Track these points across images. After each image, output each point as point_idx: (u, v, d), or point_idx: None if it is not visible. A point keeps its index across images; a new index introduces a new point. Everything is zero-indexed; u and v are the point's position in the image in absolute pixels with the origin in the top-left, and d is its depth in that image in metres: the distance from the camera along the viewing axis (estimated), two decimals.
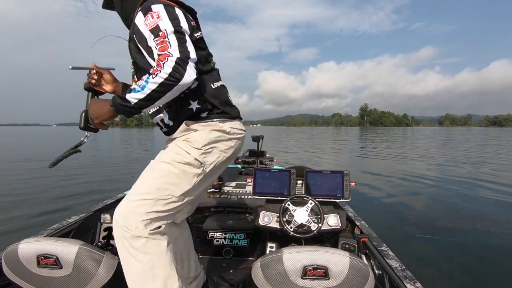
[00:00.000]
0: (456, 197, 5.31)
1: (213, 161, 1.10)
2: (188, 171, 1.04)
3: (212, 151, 1.10)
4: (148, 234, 0.93)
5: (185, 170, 1.03)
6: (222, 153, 1.13)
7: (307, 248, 0.94)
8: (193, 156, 1.04)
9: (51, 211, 4.57)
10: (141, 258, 0.92)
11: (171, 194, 1.00)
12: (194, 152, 1.05)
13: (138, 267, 0.93)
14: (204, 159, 1.07)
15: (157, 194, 0.97)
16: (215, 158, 1.11)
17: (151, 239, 0.94)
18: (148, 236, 0.93)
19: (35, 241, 1.05)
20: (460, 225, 3.85)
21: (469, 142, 21.61)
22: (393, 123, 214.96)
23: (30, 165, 9.47)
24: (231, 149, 1.16)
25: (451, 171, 8.10)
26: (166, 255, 0.96)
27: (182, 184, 1.03)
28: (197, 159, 1.05)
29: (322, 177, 1.85)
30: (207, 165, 1.08)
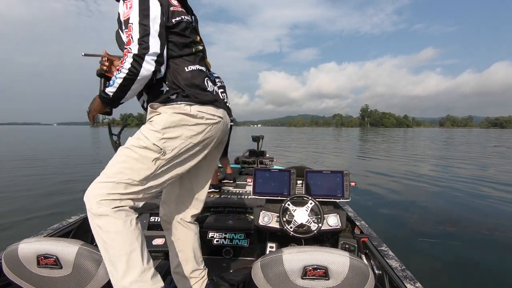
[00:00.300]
0: (456, 198, 5.31)
1: (176, 147, 1.06)
2: (147, 155, 1.02)
3: (174, 135, 1.06)
4: (109, 212, 0.94)
5: (143, 155, 1.02)
6: (188, 139, 1.08)
7: (307, 248, 0.94)
8: (151, 141, 1.03)
9: (51, 211, 4.57)
10: (105, 237, 0.93)
11: (131, 178, 0.99)
12: (153, 136, 1.04)
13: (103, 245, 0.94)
14: (164, 144, 1.04)
15: (117, 177, 0.98)
16: (178, 144, 1.06)
17: (112, 218, 0.93)
18: (108, 214, 0.93)
19: (35, 241, 1.05)
20: (460, 225, 3.85)
21: (470, 144, 21.57)
22: (394, 124, 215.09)
23: (30, 164, 9.47)
24: (198, 135, 1.10)
25: (452, 172, 8.10)
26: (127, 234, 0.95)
27: (141, 169, 1.01)
28: (155, 144, 1.03)
29: (322, 177, 1.85)
30: (168, 151, 1.05)
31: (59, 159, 11.50)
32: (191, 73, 1.14)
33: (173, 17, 1.11)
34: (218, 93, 1.25)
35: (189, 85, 1.11)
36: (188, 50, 1.17)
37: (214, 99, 1.17)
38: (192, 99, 1.10)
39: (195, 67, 1.16)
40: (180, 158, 1.09)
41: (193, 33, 1.20)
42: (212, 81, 1.25)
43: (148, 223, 2.13)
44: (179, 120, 1.07)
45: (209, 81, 1.21)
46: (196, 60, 1.19)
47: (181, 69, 1.12)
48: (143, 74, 0.99)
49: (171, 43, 1.12)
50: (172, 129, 1.06)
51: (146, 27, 1.00)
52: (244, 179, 3.34)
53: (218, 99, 1.20)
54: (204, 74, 1.19)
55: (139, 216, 2.23)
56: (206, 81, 1.19)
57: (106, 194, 0.96)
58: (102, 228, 0.93)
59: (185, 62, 1.14)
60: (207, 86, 1.17)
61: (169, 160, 1.06)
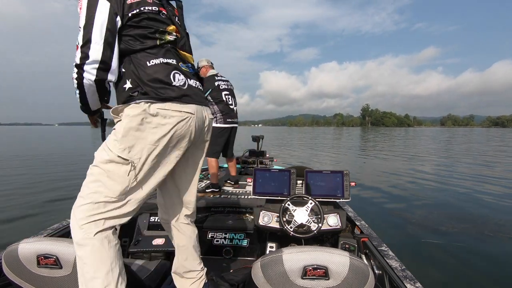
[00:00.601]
0: (456, 198, 5.31)
1: (142, 154, 0.98)
2: (115, 170, 0.96)
3: (137, 143, 0.98)
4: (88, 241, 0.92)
5: (111, 170, 0.96)
6: (153, 143, 0.99)
7: (307, 248, 0.94)
8: (115, 153, 0.96)
9: (51, 210, 4.57)
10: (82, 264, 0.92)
11: (107, 195, 0.96)
12: (116, 147, 0.97)
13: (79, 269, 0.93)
14: (129, 155, 0.97)
15: (92, 198, 0.95)
16: (144, 151, 0.98)
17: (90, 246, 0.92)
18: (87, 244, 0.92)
19: (35, 241, 1.05)
20: (461, 225, 3.85)
21: (472, 143, 21.53)
22: (395, 123, 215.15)
23: (31, 164, 9.48)
24: (164, 137, 1.01)
25: (453, 171, 8.09)
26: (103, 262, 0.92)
27: (114, 185, 0.96)
28: (120, 156, 0.96)
29: (322, 177, 1.85)
30: (136, 160, 0.98)
31: (60, 159, 11.51)
32: (153, 68, 1.05)
33: (130, 10, 1.03)
34: (192, 87, 1.14)
35: (151, 81, 1.03)
36: (151, 42, 1.08)
37: (181, 94, 1.07)
38: (152, 96, 1.01)
39: (158, 61, 1.07)
40: (152, 164, 1.01)
41: (159, 22, 1.11)
42: (185, 74, 1.14)
43: (148, 223, 2.13)
44: (138, 124, 0.98)
45: (178, 74, 1.10)
46: (161, 52, 1.10)
47: (143, 64, 1.05)
48: (86, 83, 0.97)
49: (129, 36, 1.05)
50: (133, 136, 0.98)
51: (88, 33, 0.95)
52: (244, 179, 3.33)
53: (189, 94, 1.10)
54: (170, 67, 1.09)
55: (138, 216, 2.23)
56: (172, 75, 1.08)
57: (86, 217, 0.94)
58: (82, 259, 0.93)
59: (147, 56, 1.06)
60: (172, 81, 1.07)
61: (140, 169, 0.99)
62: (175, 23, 1.18)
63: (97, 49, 0.95)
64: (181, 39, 1.19)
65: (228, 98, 3.04)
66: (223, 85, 3.03)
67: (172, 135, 1.03)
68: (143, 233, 2.05)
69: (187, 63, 1.20)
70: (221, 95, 2.99)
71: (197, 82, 1.21)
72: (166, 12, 1.15)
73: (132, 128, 0.98)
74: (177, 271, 1.34)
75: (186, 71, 1.16)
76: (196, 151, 1.25)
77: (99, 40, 0.96)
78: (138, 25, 1.05)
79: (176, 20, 1.22)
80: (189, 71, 1.18)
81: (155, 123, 1.00)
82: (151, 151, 0.99)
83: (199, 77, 1.26)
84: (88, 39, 0.95)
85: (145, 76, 1.03)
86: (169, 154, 1.07)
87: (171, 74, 1.08)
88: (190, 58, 1.24)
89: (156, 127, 1.00)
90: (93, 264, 0.91)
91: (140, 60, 1.05)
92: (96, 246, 0.92)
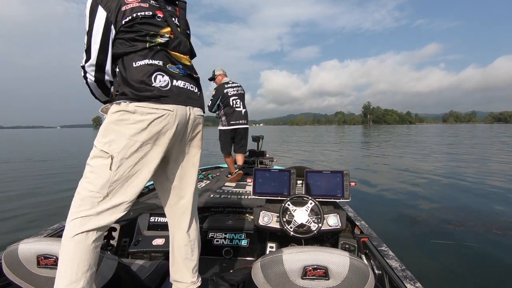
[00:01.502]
0: (457, 197, 5.30)
1: (122, 148, 1.02)
2: (99, 164, 1.02)
3: (116, 136, 1.03)
4: (70, 239, 0.97)
5: (96, 165, 1.02)
6: (132, 137, 1.03)
7: (307, 248, 0.94)
8: (98, 148, 1.03)
9: (51, 210, 4.57)
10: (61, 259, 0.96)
11: (91, 190, 1.00)
12: (99, 142, 1.04)
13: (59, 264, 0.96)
14: (109, 148, 1.02)
15: (81, 193, 1.01)
16: (123, 144, 1.02)
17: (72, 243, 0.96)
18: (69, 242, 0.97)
19: (35, 241, 1.05)
20: (461, 225, 3.84)
21: (476, 137, 21.44)
22: (397, 120, 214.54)
23: (31, 165, 9.48)
24: (143, 132, 1.04)
25: (455, 170, 8.06)
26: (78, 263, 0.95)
27: (97, 179, 1.01)
28: (102, 150, 1.02)
29: (322, 177, 1.85)
30: (115, 153, 1.02)
31: (61, 160, 11.51)
32: (137, 69, 1.09)
33: (123, 17, 1.10)
34: (178, 88, 1.15)
35: (134, 81, 1.07)
36: (141, 45, 1.13)
37: (158, 95, 1.08)
38: (129, 96, 1.05)
39: (143, 62, 1.11)
40: (132, 160, 1.04)
41: (152, 25, 1.15)
42: (171, 75, 1.15)
43: (148, 223, 2.13)
44: (117, 119, 1.04)
45: (161, 75, 1.12)
46: (150, 54, 1.13)
47: (129, 65, 1.10)
48: (89, 81, 1.15)
49: (122, 40, 1.11)
50: (112, 129, 1.04)
51: (89, 39, 1.08)
52: (244, 179, 3.34)
53: (169, 95, 1.11)
54: (153, 68, 1.11)
55: (139, 216, 2.23)
56: (154, 76, 1.10)
57: (75, 212, 0.99)
58: (62, 253, 0.96)
59: (135, 58, 1.11)
60: (152, 82, 1.09)
61: (120, 164, 1.02)
62: (172, 24, 1.20)
63: (94, 54, 1.09)
64: (174, 40, 1.19)
65: (236, 102, 3.49)
66: (232, 91, 3.50)
67: (150, 130, 1.05)
68: (143, 233, 2.05)
69: (178, 64, 1.20)
70: (229, 101, 3.47)
71: (188, 83, 1.20)
72: (162, 15, 1.18)
73: (112, 123, 1.05)
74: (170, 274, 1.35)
75: (174, 72, 1.17)
76: (187, 149, 1.25)
77: (96, 45, 1.08)
78: (130, 30, 1.12)
79: (175, 21, 1.23)
80: (178, 72, 1.18)
81: (133, 120, 1.04)
82: (130, 145, 1.03)
83: (193, 78, 1.26)
84: (89, 44, 1.08)
85: (129, 76, 1.08)
86: (150, 150, 1.08)
87: (153, 75, 1.10)
88: (185, 59, 1.24)
89: (134, 123, 1.04)
90: (64, 263, 0.95)
91: (128, 62, 1.11)
92: (72, 246, 0.96)
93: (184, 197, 1.28)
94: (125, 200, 1.04)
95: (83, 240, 0.97)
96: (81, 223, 0.98)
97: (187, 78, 1.22)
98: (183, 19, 1.27)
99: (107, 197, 1.01)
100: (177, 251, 1.31)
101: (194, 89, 1.24)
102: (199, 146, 1.29)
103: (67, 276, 0.93)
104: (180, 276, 1.32)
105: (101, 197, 1.00)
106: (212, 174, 3.75)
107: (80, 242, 0.96)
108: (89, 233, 0.98)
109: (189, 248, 1.32)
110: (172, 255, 1.33)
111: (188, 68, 1.24)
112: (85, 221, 0.98)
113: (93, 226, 0.99)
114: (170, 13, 1.22)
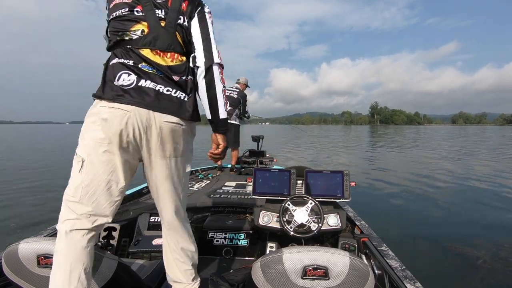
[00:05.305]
0: (457, 198, 5.31)
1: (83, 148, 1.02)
2: (74, 167, 1.03)
3: (82, 137, 1.03)
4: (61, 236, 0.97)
5: (73, 169, 1.03)
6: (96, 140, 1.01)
7: (307, 248, 0.94)
8: (76, 151, 1.04)
9: (52, 210, 4.57)
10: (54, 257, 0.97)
11: (68, 194, 1.01)
12: (78, 144, 1.04)
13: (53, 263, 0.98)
14: (81, 151, 1.02)
15: (64, 197, 1.02)
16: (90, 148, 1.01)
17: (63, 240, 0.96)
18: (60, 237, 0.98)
19: (35, 241, 1.05)
20: (461, 226, 3.85)
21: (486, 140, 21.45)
22: (404, 121, 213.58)
23: (34, 164, 9.48)
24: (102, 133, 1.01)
25: (456, 171, 8.08)
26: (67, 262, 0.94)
27: (71, 181, 1.02)
28: (76, 153, 1.03)
29: (322, 177, 1.85)
30: (85, 157, 1.00)
31: (66, 157, 11.51)
32: (110, 68, 1.08)
33: (111, 13, 1.15)
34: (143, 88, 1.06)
35: (107, 80, 1.06)
36: (114, 44, 1.12)
37: (116, 94, 1.02)
38: (97, 94, 1.05)
39: (115, 61, 1.08)
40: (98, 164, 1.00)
41: (126, 21, 1.12)
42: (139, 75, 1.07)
43: (148, 223, 2.13)
44: (86, 120, 1.04)
45: (126, 74, 1.06)
46: (121, 53, 1.09)
47: (107, 64, 1.10)
48: None
49: (109, 37, 1.16)
50: (82, 131, 1.04)
51: None
52: (244, 179, 3.34)
53: (129, 93, 1.04)
54: (121, 67, 1.07)
55: (139, 216, 2.22)
56: (119, 75, 1.05)
57: (62, 213, 1.00)
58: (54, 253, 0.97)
59: (111, 56, 1.11)
60: (116, 80, 1.05)
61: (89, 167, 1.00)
62: (150, 18, 1.12)
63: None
64: (147, 36, 1.11)
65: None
66: (227, 92, 4.13)
67: (108, 131, 1.00)
68: (143, 233, 2.05)
69: (152, 64, 1.10)
70: None
71: (161, 86, 1.09)
72: (141, 8, 1.13)
73: (84, 124, 1.05)
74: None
75: (147, 71, 1.09)
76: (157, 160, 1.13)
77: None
78: (111, 28, 1.14)
79: (160, 13, 1.15)
80: (153, 72, 1.09)
81: (90, 119, 1.03)
82: (96, 148, 1.00)
83: (172, 80, 1.12)
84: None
85: (106, 75, 1.08)
86: (114, 155, 1.02)
87: (118, 73, 1.06)
88: (161, 58, 1.12)
89: (98, 124, 1.01)
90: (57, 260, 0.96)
91: (108, 60, 1.11)
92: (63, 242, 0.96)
93: (162, 210, 1.22)
94: (97, 200, 1.00)
95: (71, 239, 0.96)
96: (64, 225, 0.97)
97: (162, 80, 1.10)
98: (174, 11, 1.16)
99: (80, 201, 0.98)
100: (169, 253, 1.33)
101: (172, 92, 1.10)
102: (172, 156, 1.14)
103: (60, 276, 0.93)
104: (173, 275, 1.34)
105: (75, 200, 0.99)
106: (212, 174, 3.76)
107: (70, 242, 0.96)
108: (75, 232, 0.96)
109: (177, 248, 1.31)
110: (166, 257, 1.35)
111: (166, 70, 1.11)
112: (71, 223, 0.97)
113: (78, 227, 0.97)
114: (154, 5, 1.15)
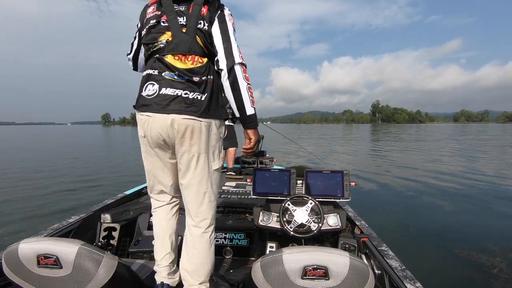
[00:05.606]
0: (458, 198, 5.30)
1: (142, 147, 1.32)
2: None
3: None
4: None
5: None
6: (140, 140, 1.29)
7: (307, 248, 0.94)
8: None
9: (52, 210, 4.57)
10: None
11: None
12: None
13: None
14: None
15: None
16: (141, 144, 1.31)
17: None
18: None
19: (35, 241, 1.05)
20: (462, 226, 3.85)
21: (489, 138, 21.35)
22: (406, 119, 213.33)
23: (35, 163, 9.48)
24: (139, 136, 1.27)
25: (456, 172, 8.06)
26: None
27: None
28: None
29: (322, 177, 1.85)
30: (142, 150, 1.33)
31: (68, 158, 11.52)
32: (142, 79, 1.24)
33: (144, 26, 1.24)
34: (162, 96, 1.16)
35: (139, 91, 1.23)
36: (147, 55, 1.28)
37: (141, 104, 1.20)
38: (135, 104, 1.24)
39: (145, 72, 1.24)
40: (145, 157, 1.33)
41: (154, 33, 1.21)
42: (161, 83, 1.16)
43: (148, 223, 2.13)
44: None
45: (151, 85, 1.18)
46: (150, 63, 1.23)
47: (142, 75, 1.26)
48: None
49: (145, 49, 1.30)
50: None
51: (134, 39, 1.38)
52: (244, 179, 3.34)
53: (149, 104, 1.17)
54: (148, 77, 1.21)
55: (139, 216, 2.22)
56: (146, 86, 1.20)
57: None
58: None
59: (144, 68, 1.29)
60: (143, 91, 1.21)
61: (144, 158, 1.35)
62: (174, 26, 1.18)
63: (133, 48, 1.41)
64: (171, 43, 1.18)
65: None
66: None
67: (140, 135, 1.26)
68: (143, 233, 2.05)
69: (175, 70, 1.17)
70: None
71: (180, 90, 1.16)
72: (166, 19, 1.20)
73: None
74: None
75: (169, 79, 1.17)
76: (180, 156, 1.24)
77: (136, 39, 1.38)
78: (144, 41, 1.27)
79: (182, 20, 1.19)
80: (173, 79, 1.17)
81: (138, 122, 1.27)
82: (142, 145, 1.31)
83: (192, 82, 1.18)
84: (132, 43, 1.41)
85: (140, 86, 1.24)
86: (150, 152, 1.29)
87: (145, 85, 1.21)
88: (182, 62, 1.18)
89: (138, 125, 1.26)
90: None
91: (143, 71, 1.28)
92: None
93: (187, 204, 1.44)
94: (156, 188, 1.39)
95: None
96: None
97: (182, 84, 1.17)
98: (194, 16, 1.19)
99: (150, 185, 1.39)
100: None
101: (190, 95, 1.17)
102: (195, 152, 1.23)
103: None
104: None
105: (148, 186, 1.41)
106: None
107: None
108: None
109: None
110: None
111: (186, 73, 1.17)
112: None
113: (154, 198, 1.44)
114: (177, 13, 1.19)
